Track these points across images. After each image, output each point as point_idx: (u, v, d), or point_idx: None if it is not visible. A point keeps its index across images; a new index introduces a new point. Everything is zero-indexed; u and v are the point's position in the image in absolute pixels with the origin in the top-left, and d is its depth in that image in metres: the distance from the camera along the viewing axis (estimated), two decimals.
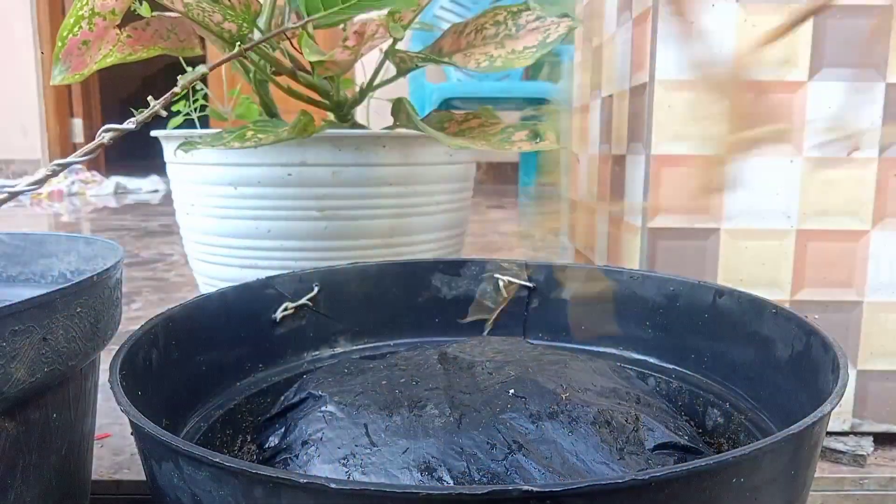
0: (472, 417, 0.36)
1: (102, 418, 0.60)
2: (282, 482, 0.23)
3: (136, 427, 0.28)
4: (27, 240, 0.51)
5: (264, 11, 0.68)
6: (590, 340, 0.55)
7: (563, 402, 0.37)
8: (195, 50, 0.72)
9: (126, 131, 0.34)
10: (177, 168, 0.75)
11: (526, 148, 0.65)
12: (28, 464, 0.36)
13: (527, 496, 0.22)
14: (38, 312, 0.33)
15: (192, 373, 0.44)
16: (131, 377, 0.35)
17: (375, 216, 0.71)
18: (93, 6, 0.61)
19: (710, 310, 0.47)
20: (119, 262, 0.42)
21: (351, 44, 0.62)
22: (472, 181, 0.84)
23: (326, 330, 0.54)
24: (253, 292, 0.50)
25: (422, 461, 0.34)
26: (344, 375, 0.44)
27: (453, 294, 0.57)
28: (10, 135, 4.00)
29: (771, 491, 0.27)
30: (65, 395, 0.39)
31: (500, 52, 0.71)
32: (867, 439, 0.59)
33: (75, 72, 0.62)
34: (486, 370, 0.42)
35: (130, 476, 0.52)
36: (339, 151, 0.68)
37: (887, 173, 0.57)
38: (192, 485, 0.26)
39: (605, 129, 0.76)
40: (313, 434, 0.37)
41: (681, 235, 0.58)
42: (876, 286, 0.57)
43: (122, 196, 2.95)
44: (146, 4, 0.68)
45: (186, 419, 0.42)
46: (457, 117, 0.73)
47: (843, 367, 0.33)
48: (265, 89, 0.75)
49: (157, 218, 2.19)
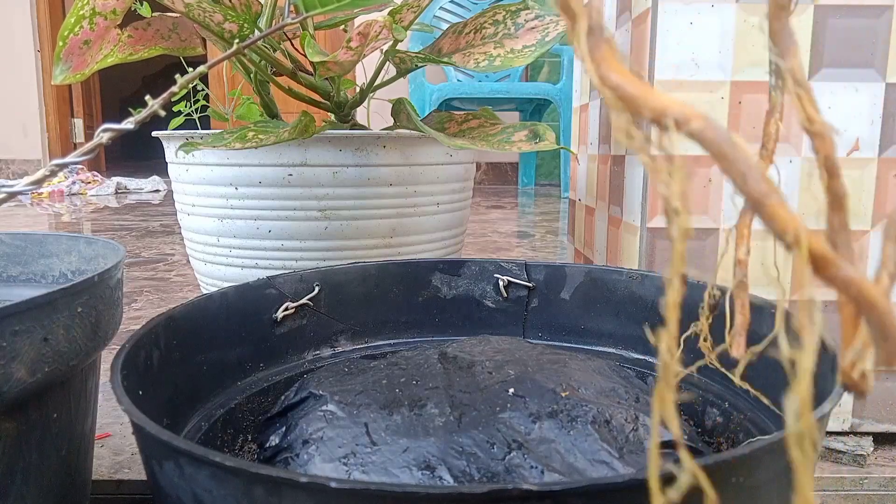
0: (471, 416, 0.37)
1: (103, 418, 0.60)
2: (282, 481, 0.23)
3: (138, 427, 0.28)
4: (28, 240, 0.51)
5: (265, 12, 0.68)
6: (590, 340, 0.55)
7: (562, 401, 0.37)
8: (196, 50, 0.72)
9: (124, 131, 0.34)
10: (178, 168, 0.75)
11: (526, 148, 0.66)
12: (28, 464, 0.36)
13: (526, 495, 0.22)
14: (38, 312, 0.33)
15: (193, 372, 0.44)
16: (132, 377, 0.35)
17: (375, 216, 0.71)
18: (94, 6, 0.61)
19: (709, 309, 0.47)
20: (120, 262, 0.42)
21: (354, 45, 0.62)
22: (472, 181, 0.84)
23: (327, 329, 0.54)
24: (254, 292, 0.50)
25: (422, 460, 0.34)
26: (344, 375, 0.44)
27: (453, 294, 0.57)
28: (10, 135, 4.00)
29: (770, 491, 0.27)
30: (65, 394, 0.39)
31: (500, 51, 0.71)
32: (867, 439, 0.59)
33: (76, 71, 0.62)
34: (485, 369, 0.42)
35: (131, 476, 0.52)
36: (340, 152, 0.68)
37: (887, 173, 0.57)
38: (193, 484, 0.26)
39: (605, 129, 0.76)
40: (314, 433, 0.37)
41: None
42: None
43: (122, 196, 2.95)
44: (147, 4, 0.68)
45: (187, 419, 0.43)
46: (457, 117, 0.73)
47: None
48: (266, 90, 0.75)
49: (158, 218, 2.19)
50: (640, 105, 0.12)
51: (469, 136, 0.69)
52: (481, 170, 3.59)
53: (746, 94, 0.57)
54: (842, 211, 0.14)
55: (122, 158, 5.08)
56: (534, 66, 3.41)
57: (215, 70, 0.90)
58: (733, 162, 0.12)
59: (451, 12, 2.86)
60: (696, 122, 0.12)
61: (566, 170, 2.83)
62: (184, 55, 0.73)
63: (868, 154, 0.56)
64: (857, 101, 0.56)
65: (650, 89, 0.12)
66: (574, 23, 0.13)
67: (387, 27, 0.62)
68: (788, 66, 0.13)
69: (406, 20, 0.67)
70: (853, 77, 0.56)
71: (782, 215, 0.12)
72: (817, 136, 0.13)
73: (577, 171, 0.93)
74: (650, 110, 0.12)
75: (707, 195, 0.58)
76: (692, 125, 0.12)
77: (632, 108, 0.12)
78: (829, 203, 0.14)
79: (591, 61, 0.13)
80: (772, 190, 0.11)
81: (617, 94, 0.13)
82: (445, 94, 2.62)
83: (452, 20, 2.79)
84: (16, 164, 4.04)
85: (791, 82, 0.13)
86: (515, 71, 2.98)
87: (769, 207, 0.12)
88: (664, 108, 0.12)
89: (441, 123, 0.73)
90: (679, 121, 0.12)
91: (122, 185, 3.10)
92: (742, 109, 0.57)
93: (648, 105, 0.12)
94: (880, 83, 0.56)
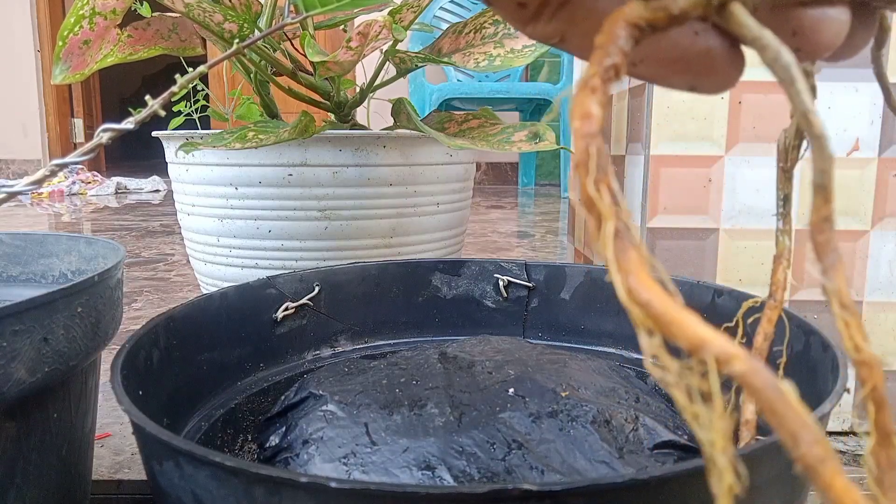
0: (471, 416, 0.37)
1: (103, 418, 0.60)
2: (282, 481, 0.23)
3: (138, 427, 0.28)
4: (28, 240, 0.51)
5: (265, 12, 0.68)
6: (590, 340, 0.55)
7: (562, 401, 0.37)
8: (196, 50, 0.72)
9: (124, 131, 0.34)
10: (178, 168, 0.75)
11: (526, 148, 0.66)
12: (28, 463, 0.36)
13: (527, 495, 0.22)
14: (38, 312, 0.33)
15: (193, 372, 0.44)
16: (132, 377, 0.35)
17: (375, 216, 0.71)
18: (94, 6, 0.61)
19: (709, 309, 0.48)
20: (120, 262, 0.42)
21: (354, 44, 0.62)
22: (472, 181, 0.84)
23: (327, 329, 0.54)
24: (254, 292, 0.50)
25: (422, 460, 0.34)
26: (344, 375, 0.44)
27: (453, 294, 0.57)
28: (10, 135, 4.00)
29: (771, 491, 0.27)
30: (65, 394, 0.39)
31: (500, 51, 0.71)
32: (867, 439, 0.59)
33: (76, 71, 0.62)
34: (485, 369, 0.42)
35: (131, 476, 0.52)
36: (340, 152, 0.68)
37: (886, 173, 0.57)
38: (193, 484, 0.26)
39: (605, 129, 0.76)
40: (314, 433, 0.37)
41: (680, 235, 0.58)
42: (875, 286, 0.58)
43: (122, 196, 2.96)
44: (147, 4, 0.68)
45: (187, 419, 0.43)
46: (457, 117, 0.73)
47: (842, 367, 0.33)
48: (266, 90, 0.75)
49: (158, 218, 2.19)
50: (674, 332, 0.11)
51: (469, 136, 0.69)
52: (481, 170, 3.60)
53: (746, 94, 0.57)
54: (891, 448, 0.12)
55: (122, 158, 5.08)
56: (534, 66, 3.41)
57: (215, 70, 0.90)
58: (783, 417, 0.11)
59: (451, 12, 2.86)
60: (738, 363, 0.11)
61: (566, 170, 2.83)
62: (184, 55, 0.73)
63: (868, 154, 0.56)
64: (857, 101, 0.56)
65: (686, 314, 0.11)
66: (600, 224, 0.12)
67: (387, 27, 0.62)
68: (833, 287, 0.12)
69: (406, 20, 0.67)
70: (853, 77, 0.56)
71: (838, 486, 0.10)
72: (864, 366, 0.12)
73: None
74: (686, 341, 0.11)
75: (707, 195, 0.58)
76: (735, 366, 0.11)
77: (664, 332, 0.11)
78: (877, 441, 0.12)
79: (617, 271, 0.12)
80: (828, 455, 0.10)
81: (647, 312, 0.12)
82: (445, 94, 2.62)
83: (452, 20, 2.79)
84: (16, 164, 4.04)
85: (837, 305, 0.12)
86: (515, 71, 2.98)
87: (823, 476, 0.10)
88: (702, 341, 0.11)
89: (441, 123, 0.73)
90: (720, 359, 0.11)
91: (122, 185, 3.10)
92: (742, 109, 0.57)
93: (685, 334, 0.11)
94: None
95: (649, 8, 0.14)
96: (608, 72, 0.14)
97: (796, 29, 0.15)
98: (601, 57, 0.14)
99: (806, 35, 0.15)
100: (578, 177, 0.13)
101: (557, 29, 0.17)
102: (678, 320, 0.11)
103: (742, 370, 0.11)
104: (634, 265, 0.12)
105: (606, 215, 0.12)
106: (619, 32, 0.14)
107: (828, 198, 0.12)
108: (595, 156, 0.13)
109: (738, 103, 0.57)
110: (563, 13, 0.17)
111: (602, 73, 0.13)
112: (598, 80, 0.13)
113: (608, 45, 0.14)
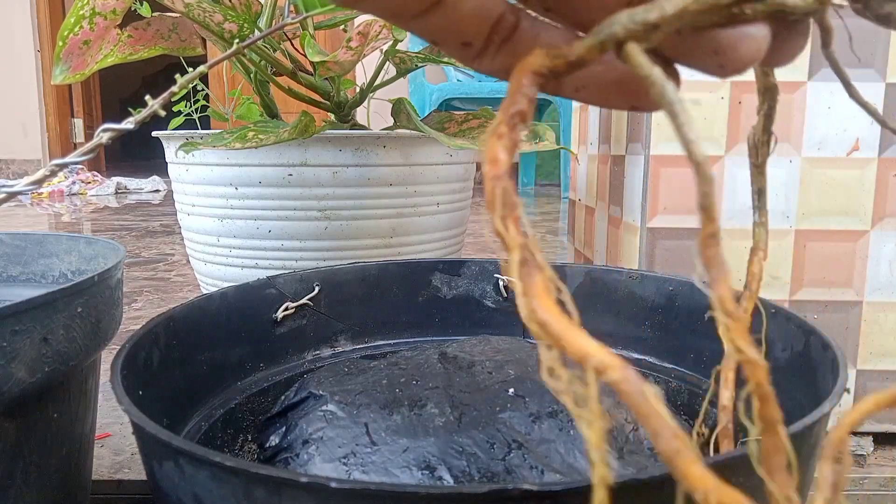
0: (471, 417, 0.37)
1: (103, 418, 0.60)
2: (283, 481, 0.23)
3: (138, 426, 0.28)
4: (28, 240, 0.51)
5: (265, 12, 0.68)
6: None
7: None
8: (196, 50, 0.72)
9: (124, 131, 0.34)
10: (178, 168, 0.75)
11: (526, 148, 0.66)
12: (28, 464, 0.36)
13: (527, 495, 0.22)
14: (38, 312, 0.33)
15: (193, 372, 0.44)
16: (132, 377, 0.35)
17: (375, 216, 0.71)
18: (94, 6, 0.61)
19: (709, 309, 0.47)
20: (120, 262, 0.42)
21: (354, 44, 0.62)
22: (472, 181, 0.84)
23: (327, 329, 0.54)
24: (254, 292, 0.50)
25: (422, 460, 0.34)
26: (344, 375, 0.44)
27: (453, 294, 0.57)
28: (10, 135, 4.00)
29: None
30: (65, 394, 0.39)
31: None
32: (867, 439, 0.59)
33: (76, 71, 0.62)
34: (486, 369, 0.42)
35: (131, 476, 0.52)
36: (340, 152, 0.68)
37: (886, 173, 0.57)
38: (193, 484, 0.26)
39: (605, 129, 0.76)
40: (314, 433, 0.37)
41: (680, 235, 0.58)
42: (875, 286, 0.58)
43: (122, 196, 2.96)
44: (147, 4, 0.68)
45: (187, 419, 0.43)
46: (457, 117, 0.73)
47: (842, 367, 0.33)
48: (266, 90, 0.75)
49: (158, 218, 2.19)
50: (565, 346, 0.13)
51: (469, 136, 0.69)
52: (481, 170, 3.59)
53: (746, 94, 0.57)
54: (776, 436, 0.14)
55: (122, 158, 5.08)
56: None
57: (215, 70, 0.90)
58: (647, 417, 0.12)
59: None
60: (613, 372, 0.12)
61: (566, 170, 2.83)
62: (184, 55, 0.73)
63: (868, 154, 0.56)
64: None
65: (576, 331, 0.13)
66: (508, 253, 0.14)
67: (387, 27, 0.62)
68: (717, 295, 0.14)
69: None
70: (853, 77, 0.56)
71: (693, 473, 0.12)
72: (748, 364, 0.14)
73: (577, 171, 0.93)
74: (573, 353, 0.13)
75: None
76: (609, 375, 0.12)
77: (558, 347, 0.13)
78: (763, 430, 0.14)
79: (522, 294, 0.14)
80: (683, 448, 0.12)
81: (544, 331, 0.13)
82: (445, 94, 2.62)
83: None
84: (16, 164, 4.04)
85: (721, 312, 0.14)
86: None
87: (680, 466, 0.12)
88: (585, 354, 0.13)
89: (441, 123, 0.73)
90: (598, 369, 0.13)
91: (122, 185, 3.10)
92: (742, 109, 0.57)
93: (573, 348, 0.13)
94: (880, 83, 0.56)
95: (549, 56, 0.16)
96: (513, 118, 0.15)
97: (717, 48, 0.16)
98: (508, 105, 0.15)
99: (726, 53, 0.16)
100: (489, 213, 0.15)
101: (503, 63, 0.18)
102: (567, 337, 0.13)
103: (615, 378, 0.12)
104: (538, 290, 0.14)
105: (513, 246, 0.14)
106: (524, 81, 0.15)
107: (712, 217, 0.14)
108: (501, 196, 0.15)
109: (738, 103, 0.57)
110: (506, 49, 0.18)
111: (507, 121, 0.15)
112: (505, 126, 0.15)
113: (515, 94, 0.15)
